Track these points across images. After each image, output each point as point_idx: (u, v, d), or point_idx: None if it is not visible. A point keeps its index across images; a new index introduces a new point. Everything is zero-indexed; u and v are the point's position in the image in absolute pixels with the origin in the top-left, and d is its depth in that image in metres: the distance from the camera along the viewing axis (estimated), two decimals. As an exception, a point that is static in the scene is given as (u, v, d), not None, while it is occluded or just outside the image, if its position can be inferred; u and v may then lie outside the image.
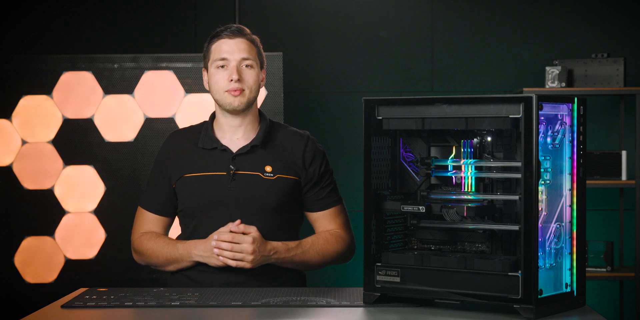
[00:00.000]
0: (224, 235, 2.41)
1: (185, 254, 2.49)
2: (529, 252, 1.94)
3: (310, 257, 2.51)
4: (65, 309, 2.14)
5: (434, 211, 2.12)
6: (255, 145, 2.56)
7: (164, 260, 2.53)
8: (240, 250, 2.40)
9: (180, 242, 2.53)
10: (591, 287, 4.30)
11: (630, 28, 4.69)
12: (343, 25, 4.75)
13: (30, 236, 4.10)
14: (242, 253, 2.40)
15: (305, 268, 2.55)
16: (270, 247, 2.44)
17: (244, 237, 2.40)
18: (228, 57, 2.53)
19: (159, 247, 2.54)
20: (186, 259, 2.50)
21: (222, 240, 2.41)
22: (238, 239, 2.40)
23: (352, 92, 4.73)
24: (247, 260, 2.40)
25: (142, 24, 4.71)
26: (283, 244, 2.48)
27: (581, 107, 2.08)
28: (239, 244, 2.40)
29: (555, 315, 2.00)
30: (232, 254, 2.40)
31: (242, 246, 2.40)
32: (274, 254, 2.45)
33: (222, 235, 2.41)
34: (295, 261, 2.50)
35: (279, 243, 2.47)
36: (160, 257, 2.53)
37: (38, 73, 4.11)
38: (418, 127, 2.11)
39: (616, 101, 4.67)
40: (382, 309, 2.09)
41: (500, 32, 4.73)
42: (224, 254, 2.41)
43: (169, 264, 2.54)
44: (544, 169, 2.00)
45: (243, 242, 2.40)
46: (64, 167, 4.11)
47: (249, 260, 2.40)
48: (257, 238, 2.41)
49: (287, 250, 2.47)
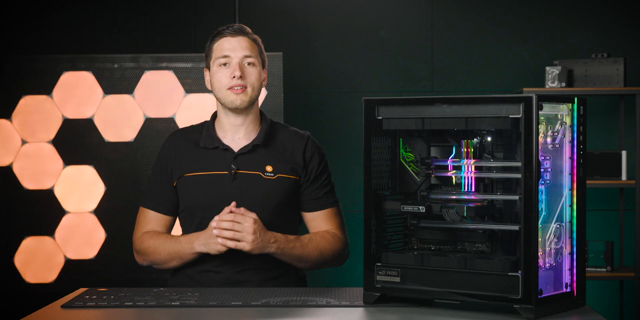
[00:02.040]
0: (225, 216, 2.40)
1: (187, 246, 2.47)
2: (529, 252, 1.94)
3: (308, 252, 2.50)
4: (65, 309, 2.14)
5: (434, 211, 2.12)
6: (257, 144, 2.57)
7: (166, 255, 2.52)
8: (241, 229, 2.37)
9: (182, 235, 2.53)
10: (591, 287, 4.30)
11: (630, 28, 4.69)
12: (343, 25, 4.75)
13: (30, 236, 4.10)
14: (242, 232, 2.37)
15: (304, 264, 2.53)
16: (270, 235, 2.43)
17: (246, 217, 2.39)
18: (230, 54, 2.53)
19: (161, 243, 2.53)
20: (188, 251, 2.48)
21: (224, 220, 2.40)
22: (239, 219, 2.39)
23: (352, 92, 4.73)
24: (247, 241, 2.37)
25: (142, 24, 4.71)
26: (283, 235, 2.47)
27: (581, 107, 2.08)
28: (239, 223, 2.39)
29: (555, 315, 2.00)
30: (232, 233, 2.37)
31: (243, 225, 2.37)
32: (274, 242, 2.43)
33: (223, 215, 2.40)
34: (294, 254, 2.48)
35: (278, 233, 2.46)
36: (163, 252, 2.53)
37: (38, 73, 4.11)
38: (418, 127, 2.11)
39: (616, 101, 4.67)
40: (382, 309, 2.09)
41: (500, 32, 4.74)
42: (223, 234, 2.38)
43: (171, 260, 2.53)
44: (544, 169, 2.00)
45: (244, 222, 2.39)
46: (64, 167, 4.11)
47: (249, 241, 2.38)
48: (257, 220, 2.40)
49: (286, 241, 2.46)
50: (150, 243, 2.55)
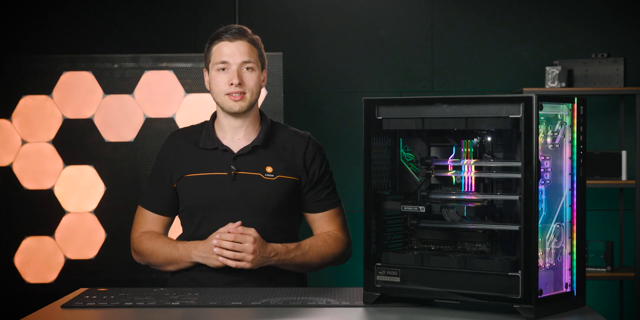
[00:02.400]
0: (225, 235, 2.41)
1: (185, 254, 2.49)
2: (529, 252, 1.94)
3: (309, 259, 2.51)
4: (65, 309, 2.14)
5: (434, 211, 2.12)
6: (257, 145, 2.56)
7: (164, 260, 2.53)
8: (242, 250, 2.39)
9: (180, 242, 2.53)
10: (591, 287, 4.30)
11: (630, 28, 4.69)
12: (343, 25, 4.75)
13: (30, 236, 4.10)
14: (242, 253, 2.39)
15: (305, 270, 2.55)
16: (270, 248, 2.44)
17: (246, 236, 2.40)
18: (229, 60, 2.53)
19: (159, 247, 2.54)
20: (185, 260, 2.50)
21: (224, 239, 2.40)
22: (240, 239, 2.40)
23: (352, 92, 4.73)
24: (248, 260, 2.40)
25: (142, 24, 4.71)
26: (283, 245, 2.48)
27: (581, 107, 2.08)
28: (240, 243, 2.40)
29: (555, 315, 2.00)
30: (233, 254, 2.40)
31: (244, 246, 2.39)
32: (274, 256, 2.45)
33: (223, 235, 2.41)
34: (295, 263, 2.50)
35: (278, 245, 2.47)
36: (160, 257, 2.53)
37: (38, 73, 4.11)
38: (418, 127, 2.11)
39: (616, 101, 4.67)
40: (382, 309, 2.09)
41: (500, 32, 4.73)
42: (224, 254, 2.40)
43: (169, 264, 2.54)
44: (544, 169, 2.00)
45: (244, 242, 2.40)
46: (64, 167, 4.11)
47: (249, 260, 2.40)
48: (257, 238, 2.41)
49: (287, 252, 2.47)
50: (148, 245, 2.56)
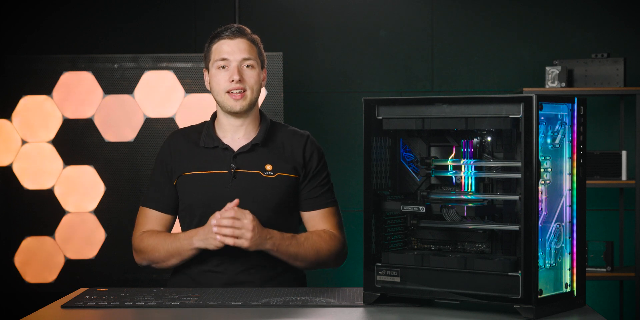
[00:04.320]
0: (226, 213, 2.40)
1: (186, 242, 2.47)
2: (529, 252, 1.94)
3: (304, 251, 2.50)
4: (65, 309, 2.14)
5: (434, 211, 2.12)
6: (256, 144, 2.57)
7: (165, 253, 2.52)
8: (240, 226, 2.38)
9: (181, 233, 2.54)
10: (591, 287, 4.30)
11: (630, 28, 4.69)
12: (343, 25, 4.75)
13: (30, 236, 4.11)
14: (241, 229, 2.38)
15: (300, 263, 2.52)
16: (266, 231, 2.44)
17: (245, 213, 2.39)
18: (229, 57, 2.53)
19: (160, 241, 2.53)
20: (187, 247, 2.48)
21: (224, 217, 2.39)
22: (239, 215, 2.40)
23: (352, 92, 4.73)
24: (246, 238, 2.38)
25: (142, 24, 4.71)
26: (279, 232, 2.47)
27: (581, 107, 2.08)
28: (239, 219, 2.40)
29: (555, 315, 2.00)
30: (232, 231, 2.38)
31: (243, 222, 2.38)
32: (270, 239, 2.44)
33: (224, 213, 2.40)
34: (290, 251, 2.48)
35: (274, 230, 2.47)
36: (162, 250, 2.52)
37: (38, 73, 4.11)
38: (418, 127, 2.11)
39: (616, 101, 4.67)
40: (382, 309, 2.09)
41: (500, 32, 4.74)
42: (223, 231, 2.39)
43: (171, 257, 2.52)
44: (544, 169, 2.00)
45: (243, 219, 2.39)
46: (64, 167, 4.11)
47: (247, 238, 2.38)
48: (255, 217, 2.41)
49: (282, 238, 2.47)
50: (149, 241, 2.55)
